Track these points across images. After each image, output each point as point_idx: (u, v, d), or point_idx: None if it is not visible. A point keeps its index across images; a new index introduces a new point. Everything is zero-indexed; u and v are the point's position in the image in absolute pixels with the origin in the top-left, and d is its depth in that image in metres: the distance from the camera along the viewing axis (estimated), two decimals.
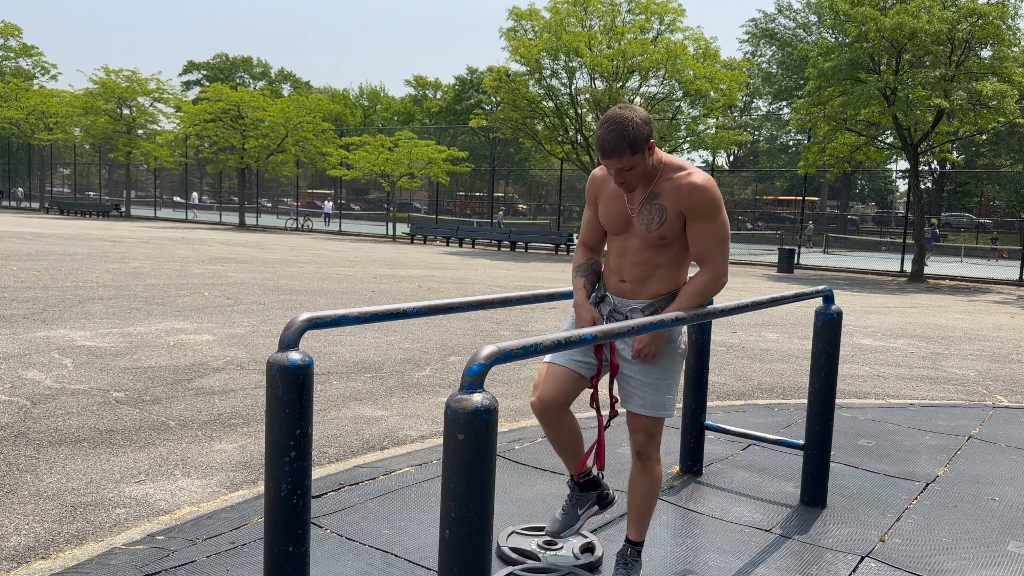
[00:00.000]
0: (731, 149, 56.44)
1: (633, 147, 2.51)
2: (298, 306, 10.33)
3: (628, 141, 2.50)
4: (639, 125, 2.52)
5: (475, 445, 1.77)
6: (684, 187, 2.62)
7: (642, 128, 2.52)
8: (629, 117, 2.52)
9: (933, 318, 12.62)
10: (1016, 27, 19.76)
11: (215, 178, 61.89)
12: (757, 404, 5.98)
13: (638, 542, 2.93)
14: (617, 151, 2.52)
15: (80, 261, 15.05)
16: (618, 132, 2.51)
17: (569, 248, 28.08)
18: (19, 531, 3.32)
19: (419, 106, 70.95)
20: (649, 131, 2.55)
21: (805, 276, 22.00)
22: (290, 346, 2.31)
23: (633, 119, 2.52)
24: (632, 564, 2.91)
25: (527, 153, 55.97)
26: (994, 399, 6.64)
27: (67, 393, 5.48)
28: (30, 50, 60.86)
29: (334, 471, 4.10)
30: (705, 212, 2.63)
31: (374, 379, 6.37)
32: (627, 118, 2.52)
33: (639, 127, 2.52)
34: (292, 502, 2.34)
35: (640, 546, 2.94)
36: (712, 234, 2.65)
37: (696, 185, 2.61)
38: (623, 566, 2.91)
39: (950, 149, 23.03)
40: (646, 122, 2.55)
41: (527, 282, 15.61)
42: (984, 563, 3.28)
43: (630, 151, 2.52)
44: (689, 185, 2.62)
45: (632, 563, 2.91)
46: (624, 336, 2.33)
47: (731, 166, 60.94)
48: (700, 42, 26.56)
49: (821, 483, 3.82)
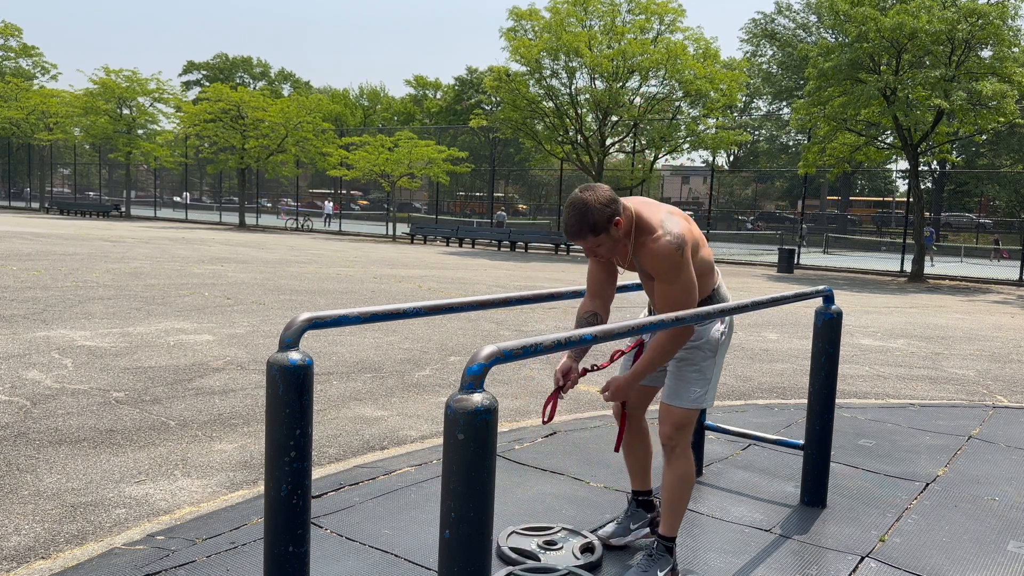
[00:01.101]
0: (731, 149, 56.43)
1: (594, 230, 2.63)
2: (298, 306, 10.33)
3: (588, 226, 2.62)
4: (599, 209, 2.61)
5: (475, 445, 1.77)
6: (649, 252, 2.74)
7: (602, 211, 2.62)
8: (589, 201, 2.62)
9: (933, 318, 12.62)
10: (1016, 27, 19.77)
11: (215, 178, 61.93)
12: (757, 404, 5.98)
13: (667, 537, 2.97)
14: (579, 235, 2.66)
15: (80, 261, 15.06)
16: (578, 219, 2.62)
17: (569, 248, 28.08)
18: (19, 531, 3.32)
19: (419, 106, 70.95)
20: (611, 211, 2.64)
21: (805, 276, 22.00)
22: (290, 346, 2.31)
23: (593, 203, 2.61)
24: (658, 558, 2.94)
25: (527, 153, 55.98)
26: (994, 399, 6.64)
27: (67, 393, 5.48)
28: (30, 50, 60.85)
29: (334, 471, 4.10)
30: (665, 275, 2.73)
31: (374, 379, 6.37)
32: (586, 202, 2.61)
33: (599, 211, 2.61)
34: (292, 502, 2.34)
35: (669, 541, 2.98)
36: (673, 296, 2.75)
37: (656, 253, 2.71)
38: (647, 558, 2.95)
39: (950, 149, 23.05)
40: (607, 204, 2.63)
41: (527, 282, 15.61)
42: (984, 563, 3.28)
43: (591, 233, 2.64)
44: (652, 251, 2.72)
45: (658, 557, 2.94)
46: (624, 336, 2.34)
47: (731, 166, 60.94)
48: (700, 42, 26.56)
49: (821, 483, 3.82)
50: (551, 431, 4.94)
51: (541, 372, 6.91)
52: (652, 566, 2.91)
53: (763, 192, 62.74)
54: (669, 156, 30.71)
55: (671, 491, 2.93)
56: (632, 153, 30.63)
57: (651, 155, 29.08)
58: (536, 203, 62.42)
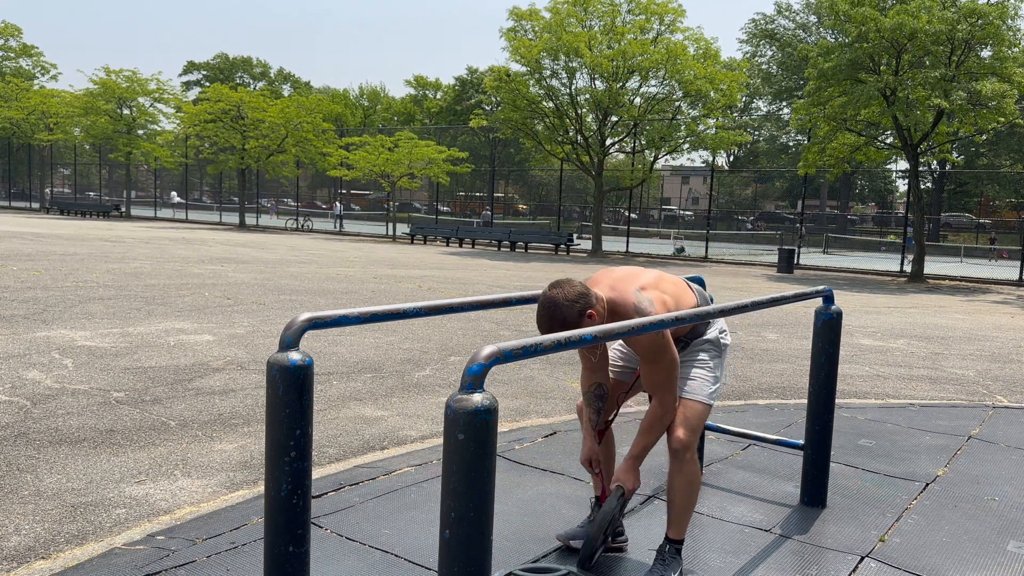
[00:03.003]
0: (731, 149, 56.45)
1: (565, 326, 2.62)
2: (298, 306, 10.33)
3: (559, 323, 2.62)
4: (567, 306, 2.61)
5: (475, 445, 1.77)
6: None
7: (571, 307, 2.62)
8: (558, 299, 2.62)
9: (933, 318, 12.62)
10: (1016, 27, 19.75)
11: (215, 178, 61.91)
12: (757, 404, 5.98)
13: (676, 540, 3.01)
14: (550, 332, 2.64)
15: (80, 261, 15.06)
16: (548, 317, 2.63)
17: (569, 248, 28.08)
18: (19, 531, 3.32)
19: (419, 106, 70.93)
20: (582, 306, 2.63)
21: (805, 276, 22.00)
22: (290, 346, 2.31)
23: (561, 301, 2.62)
24: (670, 562, 2.96)
25: (527, 153, 55.97)
26: (994, 399, 6.64)
27: (67, 393, 5.48)
28: (30, 50, 60.90)
29: (334, 471, 4.10)
30: (647, 356, 2.79)
31: (374, 379, 6.37)
32: (555, 301, 2.62)
33: (568, 307, 2.61)
34: (292, 502, 2.34)
35: (679, 544, 3.01)
36: (658, 373, 2.82)
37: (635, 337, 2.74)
38: (660, 563, 2.96)
39: (950, 149, 23.04)
40: (575, 300, 2.63)
41: (527, 282, 15.61)
42: (984, 563, 3.28)
43: (564, 330, 2.62)
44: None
45: (670, 560, 2.97)
46: (623, 335, 2.34)
47: (731, 166, 60.95)
48: (700, 42, 26.56)
49: (821, 483, 3.82)
50: (551, 431, 4.94)
51: (541, 372, 6.91)
52: (667, 570, 2.93)
53: (763, 192, 62.75)
54: (669, 156, 30.74)
55: (682, 495, 2.95)
56: (632, 153, 30.62)
57: (651, 155, 29.08)
58: (536, 203, 62.43)
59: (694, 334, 3.08)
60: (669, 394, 2.85)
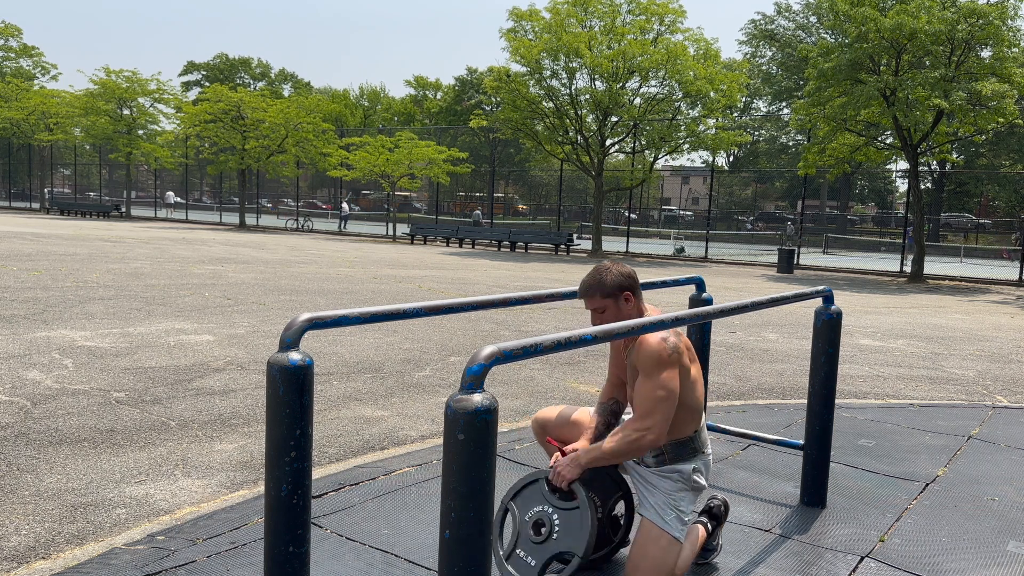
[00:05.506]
0: (731, 150, 56.44)
1: (603, 290, 2.76)
2: (298, 306, 10.33)
3: (599, 285, 2.76)
4: (615, 275, 2.78)
5: (475, 445, 1.77)
6: (642, 343, 2.73)
7: (617, 278, 2.77)
8: (611, 267, 2.80)
9: (933, 318, 12.62)
10: (1016, 27, 19.77)
11: (215, 178, 61.90)
12: (757, 404, 5.98)
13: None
14: (588, 292, 2.79)
15: (80, 261, 15.06)
16: (593, 276, 2.79)
17: (569, 248, 28.08)
18: (19, 531, 3.32)
19: (419, 106, 70.96)
20: (626, 283, 2.78)
21: (805, 276, 22.00)
22: (290, 346, 2.31)
23: (613, 270, 2.79)
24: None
25: (527, 153, 55.97)
26: (994, 399, 6.64)
27: (67, 393, 5.48)
28: (30, 50, 60.86)
29: (334, 471, 4.10)
30: (645, 368, 2.70)
31: (374, 379, 6.37)
32: (608, 268, 2.80)
33: (615, 277, 2.78)
34: (292, 502, 2.34)
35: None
36: (648, 390, 2.68)
37: (647, 343, 2.72)
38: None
39: (950, 149, 23.04)
40: (625, 276, 2.79)
41: (527, 282, 15.61)
42: (984, 563, 3.28)
43: (600, 293, 2.77)
44: (644, 342, 2.73)
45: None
46: (623, 336, 2.34)
47: (731, 166, 60.96)
48: (700, 43, 26.56)
49: (821, 483, 3.82)
50: None
51: (541, 372, 6.92)
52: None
53: (763, 192, 62.76)
54: (669, 156, 30.72)
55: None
56: (632, 153, 30.63)
57: (651, 155, 29.08)
58: (536, 203, 62.42)
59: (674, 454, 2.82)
60: (651, 419, 2.65)
